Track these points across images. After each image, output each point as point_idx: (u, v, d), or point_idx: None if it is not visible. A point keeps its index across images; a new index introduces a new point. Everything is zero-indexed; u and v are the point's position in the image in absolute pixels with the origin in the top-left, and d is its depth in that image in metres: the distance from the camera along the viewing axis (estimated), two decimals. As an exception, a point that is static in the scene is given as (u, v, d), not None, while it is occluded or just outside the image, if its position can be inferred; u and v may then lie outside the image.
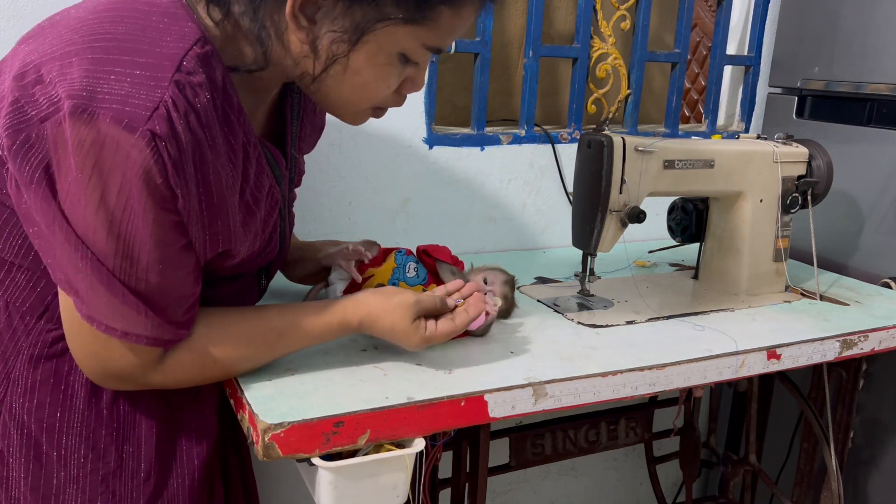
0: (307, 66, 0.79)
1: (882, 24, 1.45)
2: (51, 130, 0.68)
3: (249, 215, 0.85)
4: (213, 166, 0.75)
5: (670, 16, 1.74)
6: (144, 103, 0.68)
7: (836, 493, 1.36)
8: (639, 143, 1.14)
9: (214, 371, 0.84)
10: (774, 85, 1.73)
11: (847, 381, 1.41)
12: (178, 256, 0.76)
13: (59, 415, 0.83)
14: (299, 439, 0.78)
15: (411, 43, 0.79)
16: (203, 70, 0.72)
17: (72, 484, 0.84)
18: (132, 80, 0.68)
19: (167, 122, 0.69)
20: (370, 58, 0.78)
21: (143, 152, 0.68)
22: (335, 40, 0.76)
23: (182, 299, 0.78)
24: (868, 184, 1.50)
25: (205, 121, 0.73)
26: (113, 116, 0.67)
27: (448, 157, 1.48)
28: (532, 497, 1.84)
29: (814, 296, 1.32)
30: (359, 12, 0.74)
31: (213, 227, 0.78)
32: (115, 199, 0.69)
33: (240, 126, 0.79)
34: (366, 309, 0.89)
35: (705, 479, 1.99)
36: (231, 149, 0.78)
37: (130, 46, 0.70)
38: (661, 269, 1.48)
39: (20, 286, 0.82)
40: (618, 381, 0.96)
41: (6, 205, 0.78)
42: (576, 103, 1.60)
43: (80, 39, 0.71)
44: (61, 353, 0.83)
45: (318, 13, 0.75)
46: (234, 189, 0.80)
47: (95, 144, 0.67)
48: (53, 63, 0.70)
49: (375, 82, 0.81)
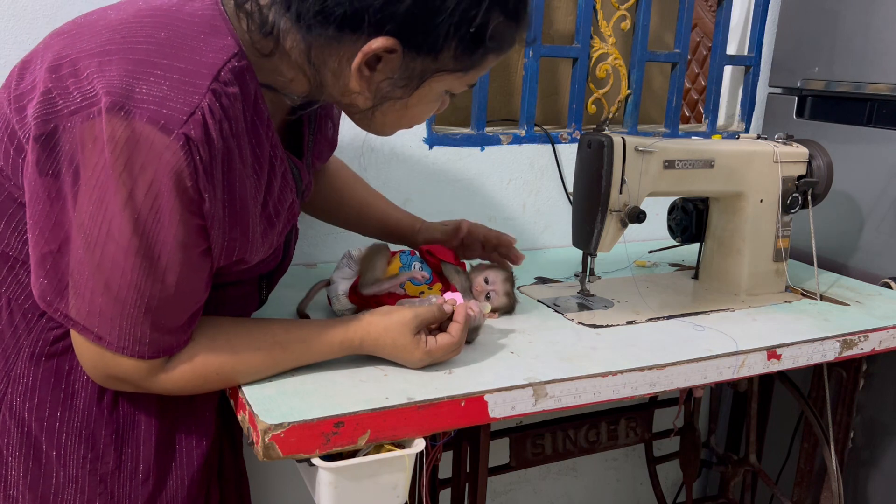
0: (358, 101, 0.82)
1: (882, 24, 1.45)
2: (80, 124, 0.69)
3: (270, 227, 0.87)
4: (239, 175, 0.77)
5: (670, 16, 1.74)
6: (182, 107, 0.70)
7: (836, 493, 1.36)
8: (639, 143, 1.14)
9: (216, 381, 0.84)
10: (774, 85, 1.73)
11: (847, 381, 1.41)
12: (196, 260, 0.77)
13: (59, 414, 0.83)
14: (299, 439, 0.78)
15: (458, 83, 0.84)
16: (238, 83, 0.74)
17: (70, 483, 0.84)
18: (170, 84, 0.70)
19: (202, 128, 0.70)
20: (421, 98, 0.83)
21: (177, 154, 0.70)
22: (393, 86, 0.80)
23: (191, 303, 0.79)
24: (868, 184, 1.50)
25: (236, 131, 0.75)
26: (150, 117, 0.69)
27: (448, 157, 1.48)
28: (532, 497, 1.84)
29: (814, 296, 1.32)
30: (419, 65, 0.78)
31: (232, 233, 0.79)
32: (143, 196, 0.71)
33: (267, 140, 0.81)
34: (367, 328, 0.90)
35: (705, 479, 1.99)
36: (257, 160, 0.80)
37: (171, 52, 0.72)
38: (661, 269, 1.48)
39: (23, 283, 0.82)
40: (618, 381, 0.96)
41: (15, 198, 0.78)
42: (576, 103, 1.60)
43: (122, 39, 0.72)
44: (63, 352, 0.83)
45: (380, 64, 0.78)
46: (256, 200, 0.82)
47: (130, 142, 0.69)
48: (92, 59, 0.71)
49: (420, 115, 0.88)
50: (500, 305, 1.12)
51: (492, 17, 0.77)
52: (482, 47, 0.79)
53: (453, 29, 0.75)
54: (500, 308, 1.13)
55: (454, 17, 0.74)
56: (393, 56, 0.77)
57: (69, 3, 1.13)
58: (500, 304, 1.12)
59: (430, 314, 0.92)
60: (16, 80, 0.77)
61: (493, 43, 0.79)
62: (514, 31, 0.81)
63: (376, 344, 0.90)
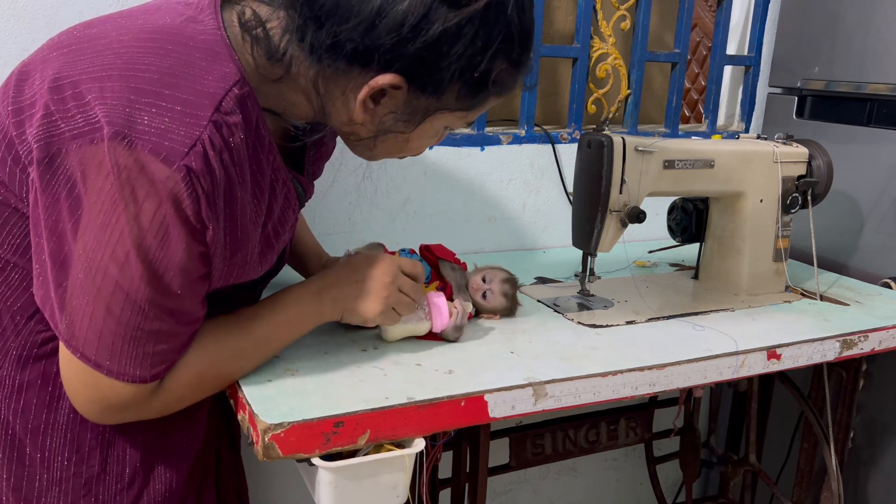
0: (359, 130, 0.84)
1: (882, 24, 1.45)
2: (82, 149, 0.70)
3: (268, 247, 0.88)
4: (240, 202, 0.78)
5: (670, 16, 1.74)
6: (183, 139, 0.70)
7: (836, 493, 1.36)
8: (639, 143, 1.14)
9: (213, 381, 0.84)
10: (774, 85, 1.73)
11: (847, 381, 1.41)
12: (197, 284, 0.78)
13: (44, 416, 0.82)
14: (299, 439, 0.78)
15: (458, 122, 0.87)
16: (240, 111, 0.75)
17: (54, 486, 0.83)
18: (171, 116, 0.71)
19: (203, 159, 0.71)
20: (421, 133, 0.85)
21: (178, 185, 0.70)
22: (396, 119, 0.82)
23: (190, 324, 0.79)
24: (868, 184, 1.50)
25: (237, 159, 0.75)
26: (151, 148, 0.69)
27: (448, 157, 1.48)
28: (532, 497, 1.84)
29: (814, 296, 1.32)
30: (422, 103, 0.80)
31: (233, 258, 0.80)
32: (148, 223, 0.71)
33: (268, 164, 0.82)
34: (329, 268, 0.95)
35: (705, 479, 1.99)
36: (258, 185, 0.81)
37: (173, 81, 0.72)
38: (661, 269, 1.48)
39: (13, 285, 0.81)
40: (618, 381, 0.96)
41: (10, 203, 0.78)
42: (576, 103, 1.60)
43: (123, 65, 0.72)
44: (50, 354, 0.83)
45: (385, 98, 0.79)
46: (256, 224, 0.83)
47: (133, 171, 0.70)
48: (93, 84, 0.71)
49: (418, 148, 0.90)
50: (497, 305, 1.12)
51: (496, 65, 0.79)
52: (484, 91, 0.81)
53: (458, 73, 0.77)
54: (498, 309, 1.12)
55: (460, 63, 0.77)
56: (398, 92, 0.78)
57: (68, 3, 1.14)
58: (497, 303, 1.11)
59: (409, 264, 0.95)
60: (14, 90, 0.76)
61: (496, 88, 0.82)
62: (515, 77, 0.84)
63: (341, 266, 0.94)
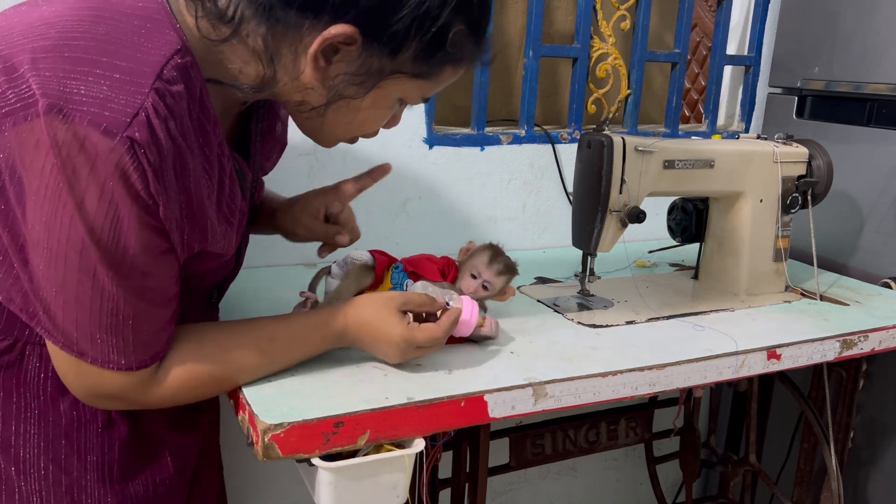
0: (310, 97, 0.80)
1: (882, 24, 1.45)
2: (17, 127, 0.65)
3: (229, 226, 0.84)
4: (193, 174, 0.74)
5: (670, 16, 1.74)
6: (124, 108, 0.66)
7: (836, 493, 1.36)
8: (639, 143, 1.14)
9: (210, 385, 0.83)
10: (774, 85, 1.73)
11: (847, 381, 1.41)
12: (161, 259, 0.74)
13: (13, 428, 0.80)
14: (299, 439, 0.78)
15: (413, 92, 0.83)
16: (182, 80, 0.71)
17: (34, 496, 0.81)
18: (110, 84, 0.66)
19: (147, 129, 0.67)
20: (375, 101, 0.82)
21: (123, 158, 0.66)
22: (348, 82, 0.78)
23: (165, 302, 0.77)
24: (868, 184, 1.50)
25: (183, 130, 0.71)
26: (91, 119, 0.65)
27: (448, 157, 1.48)
28: (532, 497, 1.84)
29: (814, 296, 1.32)
30: (377, 62, 0.77)
31: (192, 233, 0.77)
32: (96, 204, 0.67)
33: (214, 138, 0.78)
34: (351, 304, 0.90)
35: (705, 479, 1.99)
36: (206, 159, 0.77)
37: (111, 48, 0.68)
38: (661, 269, 1.48)
39: None
40: (618, 381, 0.96)
41: None
42: (576, 103, 1.60)
43: (57, 35, 0.67)
44: (9, 366, 0.79)
45: (338, 55, 0.76)
46: (211, 199, 0.79)
47: (73, 147, 0.65)
48: (25, 55, 0.66)
49: (371, 121, 0.86)
50: (501, 284, 1.06)
51: (454, 22, 0.77)
52: (441, 52, 0.78)
53: (415, 25, 0.74)
54: (505, 286, 1.07)
55: (417, 12, 0.74)
56: (351, 48, 0.75)
57: None
58: (500, 283, 1.06)
59: (418, 298, 0.91)
60: None
61: (453, 50, 0.79)
62: (473, 46, 0.81)
63: (358, 316, 0.88)
